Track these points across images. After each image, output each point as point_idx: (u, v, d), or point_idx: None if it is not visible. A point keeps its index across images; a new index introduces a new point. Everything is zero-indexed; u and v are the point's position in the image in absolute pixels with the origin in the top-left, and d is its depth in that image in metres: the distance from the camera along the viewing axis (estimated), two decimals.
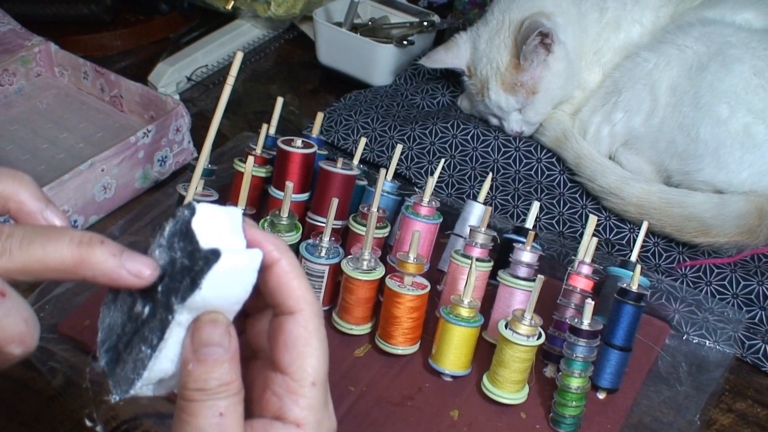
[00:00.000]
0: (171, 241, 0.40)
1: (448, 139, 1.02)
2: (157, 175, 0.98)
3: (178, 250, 0.40)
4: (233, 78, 0.77)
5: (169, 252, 0.40)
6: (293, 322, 0.42)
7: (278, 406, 0.42)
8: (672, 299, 0.82)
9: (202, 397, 0.39)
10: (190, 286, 0.38)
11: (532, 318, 0.69)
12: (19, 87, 1.10)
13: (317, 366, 0.42)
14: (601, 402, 0.73)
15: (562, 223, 0.93)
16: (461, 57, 1.04)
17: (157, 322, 0.39)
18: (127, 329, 0.41)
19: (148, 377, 0.40)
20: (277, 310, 0.42)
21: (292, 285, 0.42)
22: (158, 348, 0.39)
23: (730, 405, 0.76)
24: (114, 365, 0.41)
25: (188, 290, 0.38)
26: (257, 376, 0.44)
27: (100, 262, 0.38)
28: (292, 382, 0.41)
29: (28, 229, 0.38)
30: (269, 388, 0.42)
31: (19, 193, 0.41)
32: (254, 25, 1.29)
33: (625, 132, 0.96)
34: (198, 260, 0.38)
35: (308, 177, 0.85)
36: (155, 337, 0.39)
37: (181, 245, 0.40)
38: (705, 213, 0.87)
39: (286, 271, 0.42)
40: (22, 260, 0.38)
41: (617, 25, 1.02)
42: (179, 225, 0.40)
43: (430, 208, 0.80)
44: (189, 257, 0.39)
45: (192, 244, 0.39)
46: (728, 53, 0.90)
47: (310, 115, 1.10)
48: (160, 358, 0.39)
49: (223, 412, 0.39)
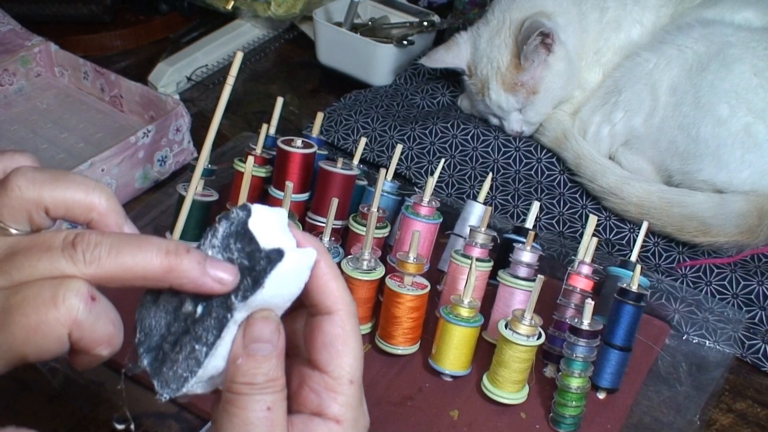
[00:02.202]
0: (226, 242, 0.41)
1: (448, 139, 1.02)
2: (157, 175, 0.98)
3: (235, 250, 0.40)
4: (233, 78, 0.77)
5: (225, 253, 0.41)
6: (331, 323, 0.43)
7: (317, 402, 0.43)
8: (672, 299, 0.82)
9: (250, 391, 0.40)
10: (252, 286, 0.39)
11: (532, 318, 0.69)
12: (19, 87, 1.10)
13: (354, 365, 0.43)
14: (601, 402, 0.73)
15: (562, 223, 0.93)
16: (462, 57, 1.04)
17: (213, 321, 0.40)
18: (174, 329, 0.41)
19: (201, 375, 0.40)
20: (314, 310, 0.44)
21: (330, 286, 0.43)
22: (215, 346, 0.40)
23: (730, 405, 0.76)
24: (159, 365, 0.42)
25: (250, 289, 0.39)
26: (292, 373, 0.45)
27: (188, 270, 0.40)
28: (330, 380, 0.43)
29: (114, 237, 0.40)
30: (306, 384, 0.43)
31: (103, 204, 0.42)
32: (254, 25, 1.29)
33: (625, 132, 0.96)
34: (260, 260, 0.39)
35: (308, 177, 0.85)
36: (211, 335, 0.40)
37: (239, 246, 0.40)
38: (705, 212, 0.87)
39: (325, 272, 0.43)
40: (111, 268, 0.39)
41: (617, 25, 1.02)
42: (235, 226, 0.41)
43: (430, 208, 0.80)
44: (249, 257, 0.40)
45: (252, 245, 0.40)
46: (728, 53, 0.90)
47: (310, 115, 1.10)
48: (216, 355, 0.40)
49: (271, 406, 0.40)
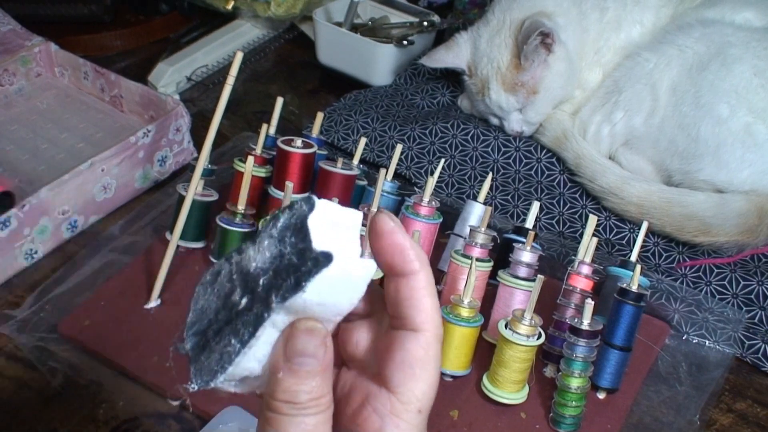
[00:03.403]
0: (283, 233, 0.37)
1: (448, 139, 1.02)
2: (157, 175, 0.98)
3: (289, 245, 0.37)
4: (233, 78, 0.77)
5: (279, 245, 0.37)
6: (414, 341, 0.39)
7: (378, 425, 0.39)
8: (672, 299, 0.82)
9: (290, 411, 0.37)
10: (293, 287, 0.35)
11: (532, 318, 0.69)
12: (19, 87, 1.10)
13: (428, 393, 0.39)
14: (601, 402, 0.73)
15: (562, 223, 0.93)
16: (462, 56, 1.04)
17: (252, 317, 0.37)
18: (221, 316, 0.38)
19: (232, 372, 0.37)
20: (398, 323, 0.39)
21: (425, 302, 0.39)
22: (248, 344, 0.36)
23: (730, 405, 0.76)
24: (200, 352, 0.38)
25: (291, 290, 0.35)
26: (356, 389, 0.41)
27: None
28: (398, 403, 0.39)
29: None
30: (370, 404, 0.39)
31: None
32: (254, 25, 1.29)
33: (625, 132, 0.96)
34: (307, 260, 0.36)
35: (308, 177, 0.85)
36: (247, 332, 0.37)
37: (293, 240, 0.37)
38: (705, 212, 0.87)
39: (422, 286, 0.39)
40: None
41: (618, 25, 1.01)
42: (294, 219, 0.37)
43: (430, 208, 0.80)
44: (299, 255, 0.36)
45: (304, 242, 0.36)
46: (728, 53, 0.90)
47: (310, 115, 1.10)
48: (248, 355, 0.37)
49: (312, 429, 0.37)
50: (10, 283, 0.84)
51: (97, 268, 0.84)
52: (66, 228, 0.89)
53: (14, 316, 0.78)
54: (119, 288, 0.82)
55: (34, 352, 0.76)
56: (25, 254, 0.85)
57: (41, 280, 0.83)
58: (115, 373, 0.75)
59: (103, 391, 0.74)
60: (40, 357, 0.75)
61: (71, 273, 0.83)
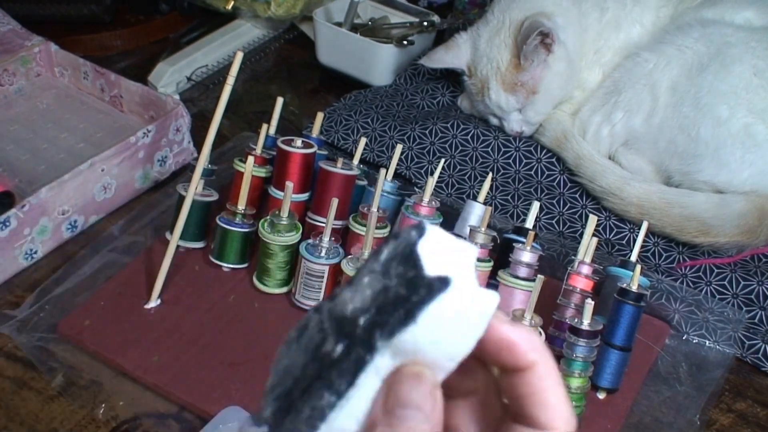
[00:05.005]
0: (387, 265, 0.32)
1: (448, 139, 1.02)
2: (157, 175, 0.98)
3: (395, 276, 0.32)
4: (233, 78, 0.77)
5: (383, 279, 0.32)
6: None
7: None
8: (672, 299, 0.82)
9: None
10: (402, 319, 0.30)
11: (532, 318, 0.69)
12: (19, 87, 1.10)
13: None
14: (601, 402, 0.73)
15: (562, 223, 0.93)
16: (461, 57, 1.04)
17: (351, 363, 0.31)
18: (309, 371, 0.32)
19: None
20: (520, 419, 0.33)
21: (548, 398, 0.33)
22: (345, 395, 0.31)
23: (730, 405, 0.76)
24: (283, 416, 0.32)
25: (399, 324, 0.30)
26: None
27: None
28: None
29: None
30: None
31: None
32: (254, 25, 1.29)
33: (625, 132, 0.96)
34: (419, 288, 0.31)
35: (308, 177, 0.85)
36: (344, 381, 0.31)
37: (400, 270, 0.32)
38: (705, 213, 0.87)
39: (542, 379, 0.33)
40: None
41: (617, 25, 1.01)
42: (401, 248, 0.32)
43: (430, 208, 0.80)
44: (407, 285, 0.31)
45: (415, 270, 0.31)
46: (728, 53, 0.90)
47: (310, 115, 1.09)
48: (345, 410, 0.31)
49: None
50: (10, 283, 0.84)
51: (97, 268, 0.84)
52: (66, 228, 0.89)
53: (14, 316, 0.78)
54: (119, 288, 0.82)
55: (33, 352, 0.76)
56: (25, 254, 0.85)
57: (41, 280, 0.83)
58: (115, 373, 0.75)
59: (103, 391, 0.74)
60: (40, 357, 0.75)
61: (71, 273, 0.83)
